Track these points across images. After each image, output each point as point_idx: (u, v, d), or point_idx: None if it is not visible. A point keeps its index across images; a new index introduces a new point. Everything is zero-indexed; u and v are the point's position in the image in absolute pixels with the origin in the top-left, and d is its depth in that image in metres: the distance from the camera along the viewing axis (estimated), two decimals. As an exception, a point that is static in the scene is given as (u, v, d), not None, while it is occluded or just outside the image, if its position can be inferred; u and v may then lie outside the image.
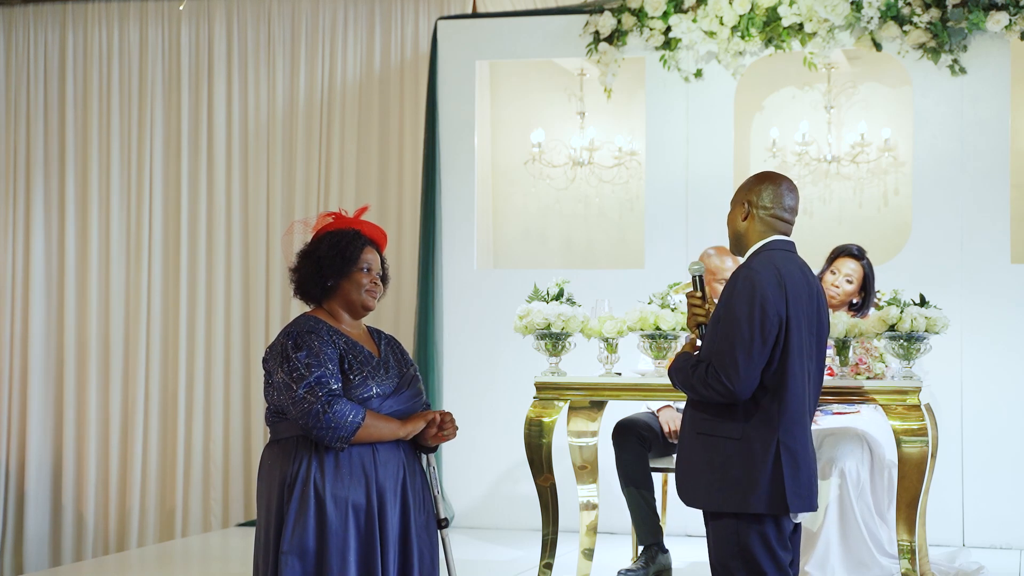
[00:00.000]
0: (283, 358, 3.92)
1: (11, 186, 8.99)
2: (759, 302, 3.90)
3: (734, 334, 3.89)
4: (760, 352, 3.90)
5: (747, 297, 3.91)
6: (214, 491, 8.62)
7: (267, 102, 8.62)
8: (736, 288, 3.94)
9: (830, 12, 7.21)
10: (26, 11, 8.99)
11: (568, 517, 6.05)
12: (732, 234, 4.17)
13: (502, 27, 7.96)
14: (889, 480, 5.94)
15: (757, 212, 4.10)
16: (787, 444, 3.94)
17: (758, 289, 3.91)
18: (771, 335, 3.91)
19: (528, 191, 8.34)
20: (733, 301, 3.92)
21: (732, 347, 3.89)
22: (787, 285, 3.96)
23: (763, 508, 3.92)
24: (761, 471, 3.91)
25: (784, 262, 4.02)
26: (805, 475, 3.97)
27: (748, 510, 3.92)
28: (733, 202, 4.19)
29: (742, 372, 3.88)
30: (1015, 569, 6.60)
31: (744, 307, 3.90)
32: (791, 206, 4.13)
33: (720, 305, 4.00)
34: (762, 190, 4.11)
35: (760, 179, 4.15)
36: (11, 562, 8.85)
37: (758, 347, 3.89)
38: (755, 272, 3.96)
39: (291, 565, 3.86)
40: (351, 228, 4.10)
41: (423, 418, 4.02)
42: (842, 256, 6.23)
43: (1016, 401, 7.19)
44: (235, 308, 8.66)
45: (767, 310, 3.90)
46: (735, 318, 3.90)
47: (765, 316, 3.90)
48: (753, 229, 4.10)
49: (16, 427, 8.92)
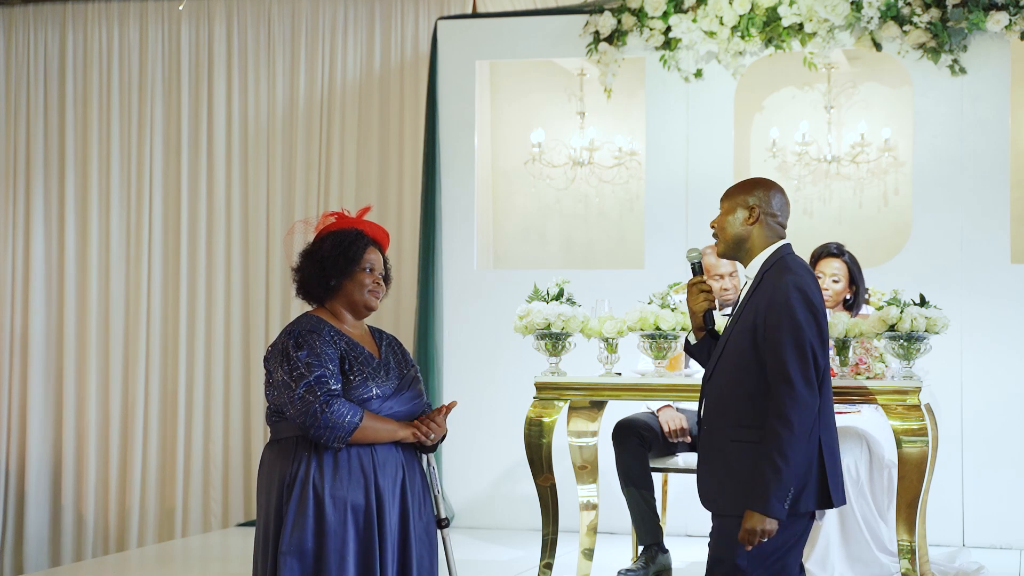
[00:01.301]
0: (284, 357, 3.92)
1: (11, 186, 8.99)
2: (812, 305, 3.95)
3: (803, 339, 3.91)
4: (821, 354, 3.96)
5: (804, 303, 3.94)
6: (214, 491, 8.62)
7: (267, 102, 8.62)
8: (790, 296, 3.94)
9: (830, 12, 7.21)
10: (26, 11, 8.99)
11: (568, 517, 6.05)
12: (730, 238, 4.14)
13: (502, 27, 7.96)
14: (889, 480, 5.95)
15: (766, 219, 4.11)
16: (826, 442, 3.98)
17: (807, 292, 3.96)
18: (825, 337, 3.99)
19: (528, 191, 8.34)
20: (793, 308, 3.93)
21: (803, 353, 3.90)
22: (816, 284, 4.05)
23: (813, 505, 3.97)
24: (809, 470, 3.94)
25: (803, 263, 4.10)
26: (839, 470, 4.04)
27: (800, 509, 3.94)
28: (731, 204, 4.15)
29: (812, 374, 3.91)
30: (1015, 569, 6.60)
31: (803, 312, 3.93)
32: (788, 216, 4.19)
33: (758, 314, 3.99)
34: (771, 197, 4.13)
35: (766, 185, 4.16)
36: (11, 562, 8.84)
37: (821, 349, 3.95)
38: (800, 277, 3.99)
39: (290, 565, 3.86)
40: (353, 228, 4.10)
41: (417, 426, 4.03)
42: (823, 258, 6.25)
43: (1016, 401, 7.19)
44: (235, 308, 8.66)
45: (820, 310, 3.97)
46: (798, 325, 3.92)
47: (820, 318, 3.97)
48: (760, 234, 4.11)
49: (16, 427, 8.92)
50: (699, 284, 4.34)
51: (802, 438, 3.88)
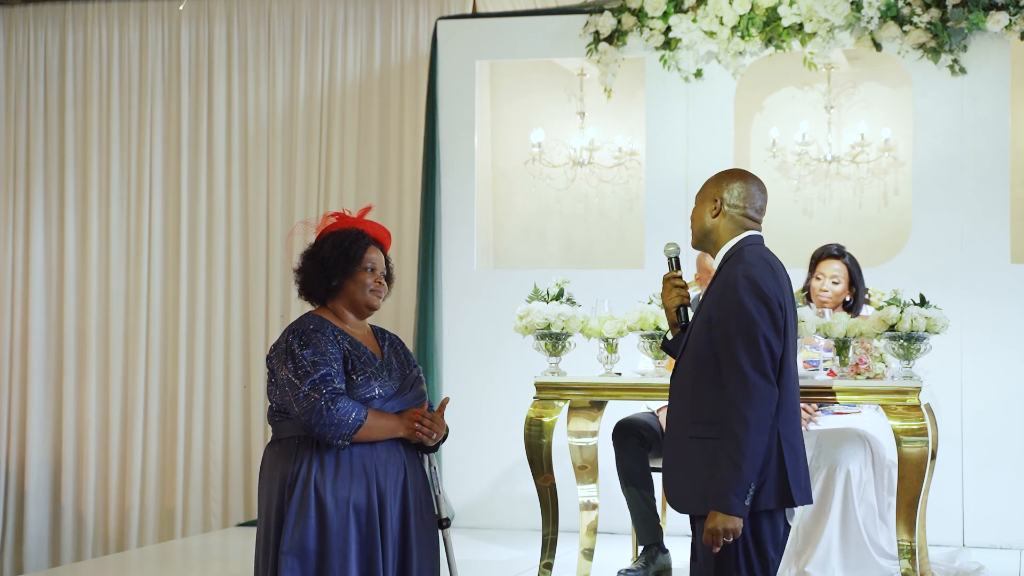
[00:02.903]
0: (288, 355, 3.91)
1: (11, 186, 8.99)
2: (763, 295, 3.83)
3: (754, 331, 3.81)
4: (776, 343, 3.83)
5: (753, 292, 3.84)
6: (214, 491, 8.62)
7: (267, 102, 8.62)
8: (738, 285, 3.86)
9: (830, 12, 7.21)
10: (26, 11, 8.99)
11: (568, 517, 6.04)
12: (698, 230, 4.08)
13: (502, 27, 7.96)
14: (889, 480, 5.95)
15: (728, 210, 4.02)
16: (787, 437, 3.86)
17: (759, 283, 3.85)
18: (780, 326, 3.85)
19: (528, 191, 8.34)
20: (741, 297, 3.84)
21: (755, 344, 3.80)
22: (779, 276, 3.93)
23: (773, 503, 3.84)
24: (767, 466, 3.83)
25: (768, 254, 3.98)
26: (803, 467, 3.92)
27: (759, 508, 3.83)
28: (700, 197, 4.09)
29: (767, 365, 3.79)
30: (1015, 569, 6.60)
31: (752, 302, 3.83)
32: (760, 207, 4.06)
33: (712, 306, 3.91)
34: (733, 187, 4.03)
35: (731, 176, 4.07)
36: (11, 562, 8.84)
37: (776, 340, 3.83)
38: (752, 266, 3.89)
39: (291, 565, 3.85)
40: (354, 228, 4.10)
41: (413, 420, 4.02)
42: (823, 259, 6.23)
43: (1016, 401, 7.19)
44: (235, 308, 8.66)
45: (772, 301, 3.84)
46: (748, 316, 3.82)
47: (773, 308, 3.84)
48: (724, 227, 4.02)
49: (16, 427, 8.92)
50: (673, 279, 4.27)
51: (758, 432, 3.77)
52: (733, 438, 3.77)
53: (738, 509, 3.77)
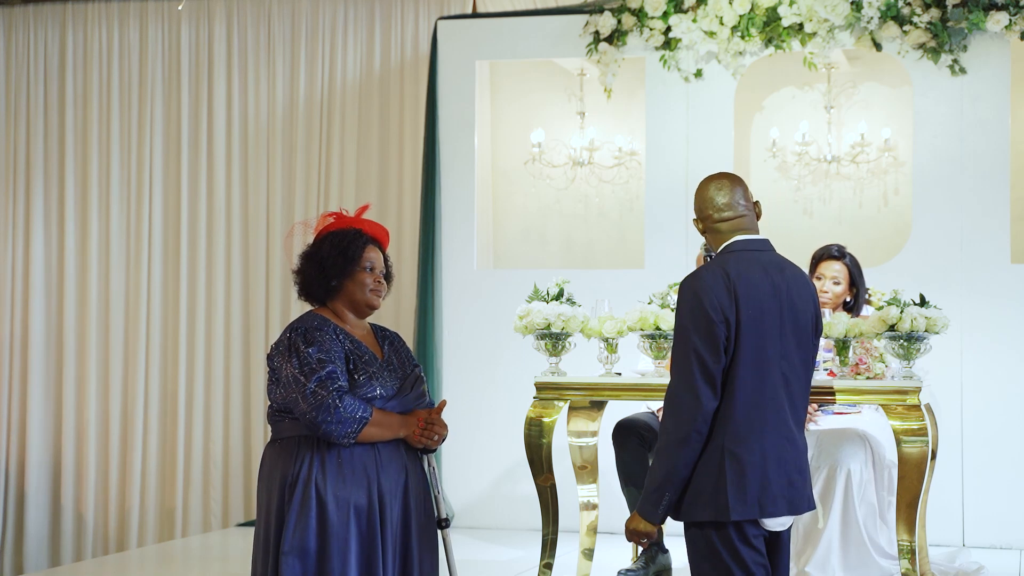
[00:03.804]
0: (292, 353, 3.90)
1: (11, 186, 8.99)
2: (701, 308, 3.79)
3: (686, 342, 3.80)
4: (712, 359, 3.78)
5: (690, 306, 3.82)
6: (214, 491, 8.63)
7: (267, 102, 8.63)
8: (680, 298, 3.86)
9: (830, 12, 7.21)
10: (26, 11, 8.99)
11: (568, 517, 6.04)
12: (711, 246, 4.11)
13: (502, 27, 7.96)
14: (889, 480, 5.94)
15: (705, 223, 4.01)
16: (731, 450, 3.81)
17: (700, 295, 3.81)
18: (718, 341, 3.78)
19: (528, 191, 8.34)
20: (680, 310, 3.84)
21: (685, 356, 3.79)
22: (737, 287, 3.82)
23: (706, 515, 3.82)
24: (704, 479, 3.82)
25: (738, 263, 3.89)
26: (754, 482, 3.82)
27: (693, 518, 3.84)
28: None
29: (697, 380, 3.77)
30: (1015, 569, 6.60)
31: (688, 313, 3.81)
32: (724, 203, 3.96)
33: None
34: (697, 202, 4.02)
35: (696, 192, 4.04)
36: (11, 562, 8.85)
37: (708, 354, 3.78)
38: (698, 279, 3.86)
39: (291, 565, 3.85)
40: (352, 227, 4.09)
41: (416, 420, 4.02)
42: (823, 260, 6.22)
43: (1016, 401, 7.19)
44: (235, 308, 8.66)
45: (711, 315, 3.78)
46: (683, 326, 3.82)
47: (711, 322, 3.78)
48: (713, 240, 4.00)
49: (16, 427, 8.92)
50: None
51: (677, 445, 3.77)
52: (658, 446, 3.85)
53: (649, 515, 3.85)
